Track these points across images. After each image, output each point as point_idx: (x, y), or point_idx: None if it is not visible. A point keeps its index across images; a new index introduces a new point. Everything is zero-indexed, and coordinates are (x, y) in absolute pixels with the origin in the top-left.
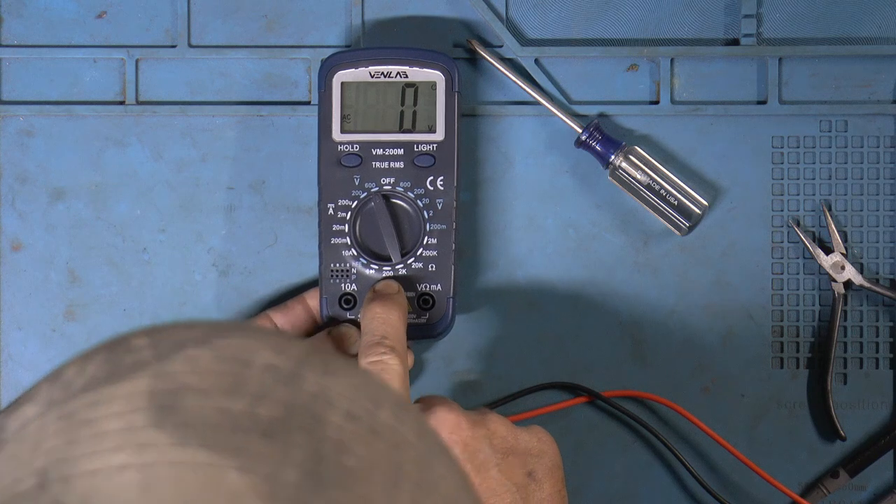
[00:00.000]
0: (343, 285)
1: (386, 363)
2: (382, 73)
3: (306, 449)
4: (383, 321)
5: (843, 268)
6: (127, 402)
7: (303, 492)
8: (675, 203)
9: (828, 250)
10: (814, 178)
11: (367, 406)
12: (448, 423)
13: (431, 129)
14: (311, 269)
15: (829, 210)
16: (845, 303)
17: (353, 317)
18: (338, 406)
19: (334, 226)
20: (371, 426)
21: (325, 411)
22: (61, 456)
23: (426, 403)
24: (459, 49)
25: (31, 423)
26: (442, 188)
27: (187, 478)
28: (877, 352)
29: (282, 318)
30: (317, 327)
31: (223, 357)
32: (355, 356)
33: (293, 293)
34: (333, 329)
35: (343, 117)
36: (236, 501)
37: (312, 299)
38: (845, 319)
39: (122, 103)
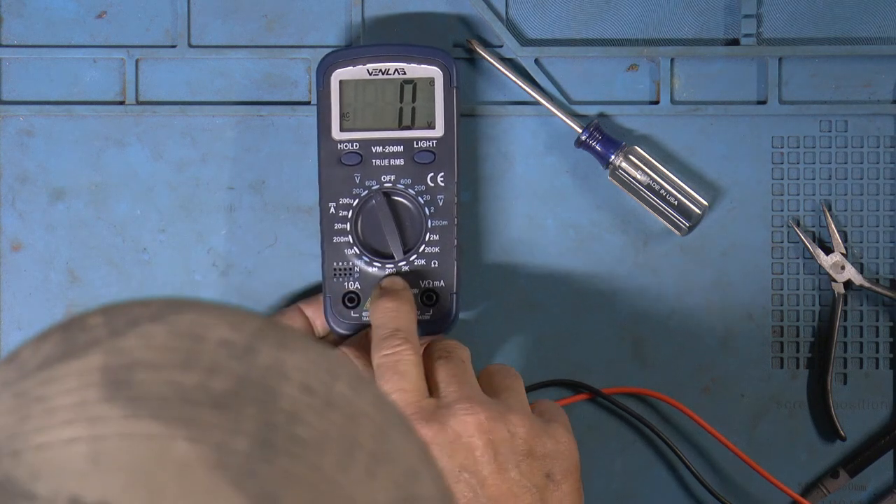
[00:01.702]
0: (346, 284)
1: (401, 354)
2: (380, 70)
3: (258, 419)
4: (395, 315)
5: (843, 268)
6: (79, 379)
7: (252, 460)
8: (675, 203)
9: (828, 250)
10: (814, 178)
11: (323, 378)
12: (469, 426)
13: (430, 125)
14: (311, 269)
15: (829, 210)
16: (845, 303)
17: (357, 315)
18: (292, 378)
19: (336, 224)
20: (327, 398)
21: (279, 384)
22: (12, 432)
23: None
24: (459, 49)
25: None
26: (442, 184)
27: (136, 449)
28: (877, 352)
29: (311, 311)
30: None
31: (177, 333)
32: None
33: (293, 293)
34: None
35: (342, 116)
36: (184, 470)
37: None
38: (845, 319)
39: (122, 103)
